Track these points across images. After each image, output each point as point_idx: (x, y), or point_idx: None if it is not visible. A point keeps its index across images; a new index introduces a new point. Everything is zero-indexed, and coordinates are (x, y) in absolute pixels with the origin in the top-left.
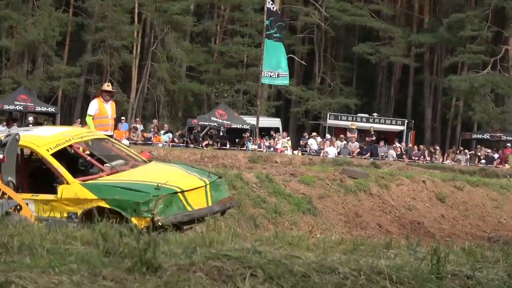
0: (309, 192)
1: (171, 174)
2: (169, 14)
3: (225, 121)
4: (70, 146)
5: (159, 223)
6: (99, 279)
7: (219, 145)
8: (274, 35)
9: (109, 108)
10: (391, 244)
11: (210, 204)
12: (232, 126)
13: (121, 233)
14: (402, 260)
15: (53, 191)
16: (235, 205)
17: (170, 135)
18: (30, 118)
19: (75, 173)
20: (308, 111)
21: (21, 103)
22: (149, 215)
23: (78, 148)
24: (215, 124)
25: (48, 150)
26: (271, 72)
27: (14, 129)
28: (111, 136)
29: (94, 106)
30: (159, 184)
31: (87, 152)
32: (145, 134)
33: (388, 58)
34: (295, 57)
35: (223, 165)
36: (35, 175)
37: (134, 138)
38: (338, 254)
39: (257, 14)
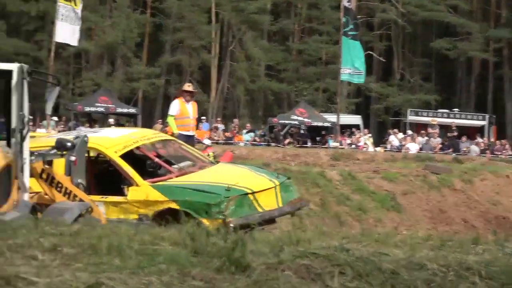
0: (393, 189)
1: (241, 175)
2: (246, 13)
3: (305, 119)
4: (138, 147)
5: (231, 225)
6: (188, 279)
7: (300, 143)
8: (350, 32)
9: (191, 108)
10: (478, 239)
11: (280, 205)
12: (313, 124)
13: (209, 232)
14: (490, 255)
15: (120, 192)
16: (305, 206)
17: (252, 134)
18: (111, 120)
19: (141, 174)
20: (388, 107)
21: (102, 105)
22: (221, 216)
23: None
24: (295, 122)
25: (116, 152)
26: (349, 69)
27: (82, 130)
28: (192, 136)
29: (176, 106)
30: (230, 186)
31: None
32: (226, 134)
33: (466, 54)
34: (374, 54)
35: (305, 163)
36: (101, 177)
37: (216, 137)
38: (426, 250)
39: (334, 11)
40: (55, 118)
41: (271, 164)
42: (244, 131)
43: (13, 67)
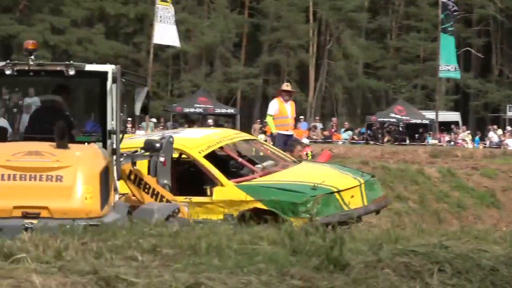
0: (492, 185)
1: (326, 174)
2: (343, 11)
3: (403, 117)
4: (221, 148)
5: (317, 224)
6: (287, 278)
7: (398, 141)
8: (449, 28)
9: (289, 108)
10: None
11: (366, 203)
12: (411, 121)
13: (307, 231)
14: None
15: (203, 193)
16: (389, 204)
17: (350, 132)
18: (210, 121)
19: (224, 175)
20: (487, 103)
21: (201, 106)
22: (307, 215)
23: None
24: (394, 120)
25: (200, 152)
26: (448, 66)
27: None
28: (291, 136)
29: (274, 106)
30: (316, 184)
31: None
32: (325, 133)
33: None
34: (472, 50)
35: (403, 161)
36: (182, 177)
37: (314, 136)
38: None
39: (432, 8)
40: (154, 120)
41: (369, 162)
42: (342, 129)
43: (108, 68)
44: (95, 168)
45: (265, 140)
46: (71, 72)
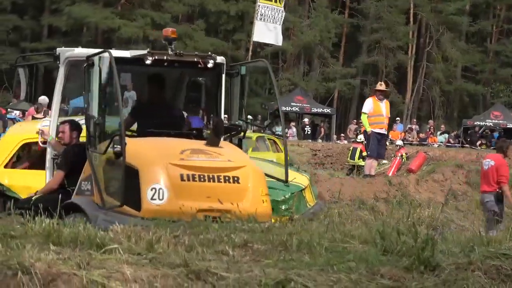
0: None
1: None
2: (444, 14)
3: (500, 121)
4: None
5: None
6: (377, 277)
7: (494, 146)
8: None
9: (384, 107)
10: None
11: (315, 199)
12: (508, 126)
13: (399, 231)
14: None
15: None
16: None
17: (446, 135)
18: (306, 120)
19: None
20: None
21: (298, 104)
22: (288, 213)
23: None
24: (490, 124)
25: None
26: None
27: None
28: (385, 135)
29: (369, 104)
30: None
31: None
32: (421, 135)
33: None
34: None
35: None
36: None
37: (410, 138)
38: None
39: None
40: (250, 117)
41: (464, 165)
42: (439, 132)
43: (223, 60)
44: (260, 169)
45: (362, 141)
46: (210, 64)
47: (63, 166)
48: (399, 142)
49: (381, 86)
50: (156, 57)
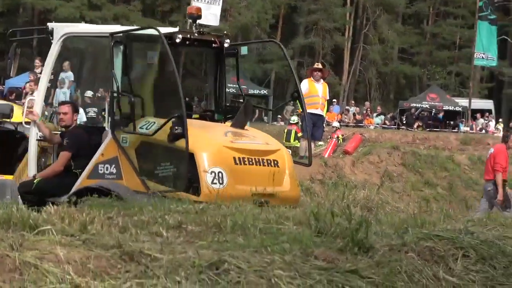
0: None
1: None
2: None
3: (437, 103)
4: None
5: None
6: (311, 259)
7: (430, 127)
8: (489, 16)
9: (320, 88)
10: None
11: None
12: (444, 108)
13: (333, 213)
14: None
15: None
16: None
17: (382, 117)
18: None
19: None
20: None
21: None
22: None
23: None
24: (426, 106)
25: None
26: (483, 53)
27: None
28: (321, 116)
29: (304, 85)
30: None
31: None
32: (357, 117)
33: None
34: (508, 39)
35: (434, 147)
36: None
37: (346, 120)
38: None
39: None
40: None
41: (400, 147)
42: (375, 114)
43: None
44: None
45: (297, 122)
46: (226, 44)
47: (71, 148)
48: (336, 124)
49: (318, 65)
50: (185, 36)
